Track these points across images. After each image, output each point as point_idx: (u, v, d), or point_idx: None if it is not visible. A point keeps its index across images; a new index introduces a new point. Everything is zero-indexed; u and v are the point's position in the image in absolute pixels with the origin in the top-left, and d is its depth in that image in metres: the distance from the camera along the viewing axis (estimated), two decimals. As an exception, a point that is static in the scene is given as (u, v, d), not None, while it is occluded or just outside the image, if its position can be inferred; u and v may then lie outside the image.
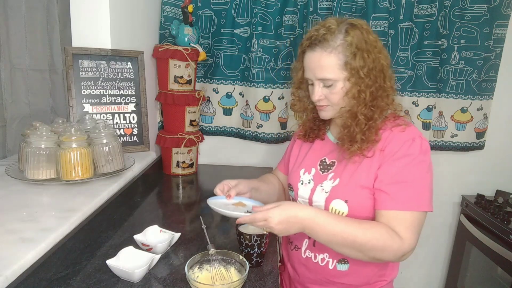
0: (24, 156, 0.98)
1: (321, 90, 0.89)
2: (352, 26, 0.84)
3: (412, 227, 0.80)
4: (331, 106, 0.90)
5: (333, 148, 0.97)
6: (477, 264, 1.70)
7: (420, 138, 0.85)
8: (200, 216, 1.08)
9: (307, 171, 0.98)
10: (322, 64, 0.85)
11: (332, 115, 0.93)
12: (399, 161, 0.83)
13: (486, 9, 1.61)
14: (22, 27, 1.40)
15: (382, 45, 0.88)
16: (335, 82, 0.86)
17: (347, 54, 0.83)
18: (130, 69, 1.33)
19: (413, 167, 0.82)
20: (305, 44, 0.89)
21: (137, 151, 1.35)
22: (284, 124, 1.75)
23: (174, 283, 0.79)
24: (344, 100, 0.87)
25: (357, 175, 0.87)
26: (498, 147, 1.81)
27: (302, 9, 1.62)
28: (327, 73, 0.85)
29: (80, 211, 0.87)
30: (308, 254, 0.95)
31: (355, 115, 0.86)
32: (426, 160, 0.84)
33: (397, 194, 0.81)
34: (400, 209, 0.81)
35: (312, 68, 0.87)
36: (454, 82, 1.69)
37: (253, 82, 1.67)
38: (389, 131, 0.87)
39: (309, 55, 0.88)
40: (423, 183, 0.83)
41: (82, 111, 1.23)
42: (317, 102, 0.91)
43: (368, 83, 0.84)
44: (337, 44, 0.83)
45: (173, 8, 1.65)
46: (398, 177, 0.82)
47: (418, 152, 0.83)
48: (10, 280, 0.62)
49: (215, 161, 1.84)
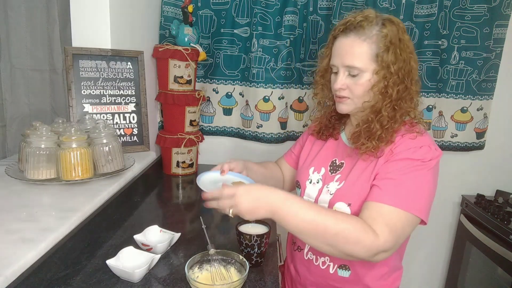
0: (24, 156, 0.98)
1: (345, 79, 0.85)
2: (389, 21, 0.83)
3: (392, 225, 0.74)
4: (352, 100, 0.86)
5: (344, 149, 0.94)
6: (477, 264, 1.70)
7: (428, 146, 0.81)
8: (200, 216, 1.08)
9: (316, 170, 0.96)
10: (353, 51, 0.82)
11: (350, 110, 0.88)
12: (400, 162, 0.80)
13: (486, 9, 1.61)
14: (22, 27, 1.40)
15: (413, 48, 0.86)
16: (361, 73, 0.82)
17: (380, 46, 0.80)
18: (130, 69, 1.33)
19: (413, 171, 0.79)
20: (339, 29, 0.86)
21: (137, 151, 1.35)
22: (284, 124, 1.75)
23: (174, 283, 0.79)
24: (368, 94, 0.84)
25: (362, 179, 0.84)
26: (498, 147, 1.81)
27: (302, 9, 1.62)
28: (356, 61, 0.82)
29: (80, 211, 0.87)
30: (310, 256, 0.94)
31: (379, 111, 0.83)
32: (430, 169, 0.80)
33: (387, 187, 0.78)
34: (385, 202, 0.76)
35: (341, 54, 0.84)
36: (454, 82, 1.69)
37: (253, 82, 1.67)
38: (399, 137, 0.84)
39: (341, 40, 0.85)
40: (420, 189, 0.78)
41: (82, 111, 1.23)
42: (338, 92, 0.87)
43: (396, 81, 0.81)
44: (372, 33, 0.81)
45: (173, 8, 1.65)
46: (393, 174, 0.79)
47: (422, 158, 0.79)
48: (10, 280, 0.62)
49: (215, 161, 1.83)
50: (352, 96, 0.85)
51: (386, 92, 0.82)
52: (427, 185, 0.79)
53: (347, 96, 0.86)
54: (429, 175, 0.79)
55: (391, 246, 0.74)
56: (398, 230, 0.75)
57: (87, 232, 0.89)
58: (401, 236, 0.76)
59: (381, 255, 0.74)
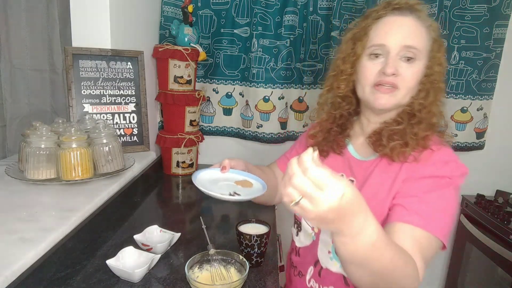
0: (24, 156, 0.98)
1: (398, 63, 0.73)
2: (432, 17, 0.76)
3: (425, 254, 0.65)
4: (399, 91, 0.74)
5: (354, 164, 0.82)
6: (477, 264, 1.70)
7: (455, 162, 0.73)
8: (200, 216, 1.08)
9: None
10: (417, 32, 0.72)
11: (393, 105, 0.76)
12: (425, 180, 0.71)
13: (486, 9, 1.61)
14: (22, 27, 1.40)
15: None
16: (418, 59, 0.73)
17: (434, 38, 0.74)
18: (130, 69, 1.33)
19: (440, 188, 0.70)
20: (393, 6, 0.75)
21: (137, 151, 1.35)
22: (284, 124, 1.75)
23: (174, 283, 0.79)
24: (414, 90, 0.75)
25: (379, 198, 0.73)
26: (498, 147, 1.81)
27: (302, 9, 1.62)
28: (419, 42, 0.72)
29: (80, 211, 0.87)
30: (313, 283, 0.86)
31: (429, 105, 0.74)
32: (456, 188, 0.72)
33: (412, 206, 0.68)
34: (415, 224, 0.66)
35: (400, 32, 0.73)
36: (454, 82, 1.69)
37: (253, 82, 1.67)
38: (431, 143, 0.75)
39: (396, 19, 0.74)
40: (446, 209, 0.69)
41: (82, 111, 1.23)
42: (389, 78, 0.73)
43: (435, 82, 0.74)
44: (427, 24, 0.74)
45: (173, 8, 1.65)
46: (417, 191, 0.70)
47: (450, 175, 0.71)
48: (10, 280, 0.62)
49: (215, 161, 1.83)
50: (402, 86, 0.73)
51: (439, 88, 0.75)
52: (452, 206, 0.70)
53: (397, 85, 0.73)
54: (455, 195, 0.71)
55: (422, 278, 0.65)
56: (428, 257, 0.67)
57: (87, 232, 0.89)
58: (428, 262, 0.68)
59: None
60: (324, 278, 0.83)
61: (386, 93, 0.75)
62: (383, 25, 0.75)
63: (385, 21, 0.75)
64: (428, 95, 0.75)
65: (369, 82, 0.77)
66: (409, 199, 0.69)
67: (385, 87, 0.74)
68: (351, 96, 0.85)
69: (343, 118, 0.88)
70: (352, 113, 0.90)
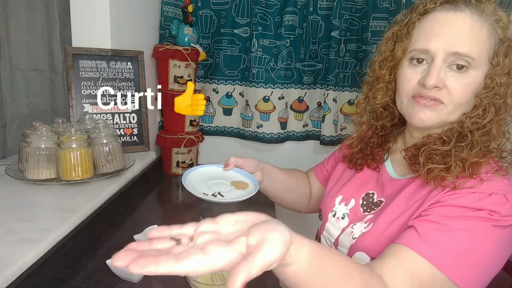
0: (24, 156, 0.98)
1: (443, 73, 0.59)
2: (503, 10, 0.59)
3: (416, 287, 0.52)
4: (446, 106, 0.60)
5: (388, 183, 0.70)
6: (477, 264, 1.69)
7: (504, 196, 0.55)
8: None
9: (344, 201, 0.74)
10: (471, 33, 0.56)
11: (435, 122, 0.62)
12: (455, 208, 0.56)
13: (486, 9, 1.61)
14: (22, 27, 1.40)
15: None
16: (471, 69, 0.57)
17: (500, 38, 0.57)
18: (130, 69, 1.33)
19: (470, 220, 0.54)
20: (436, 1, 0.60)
21: (137, 151, 1.35)
22: (284, 124, 1.75)
23: (174, 283, 0.79)
24: (469, 105, 0.60)
25: (397, 224, 0.62)
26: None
27: (302, 9, 1.62)
28: (473, 48, 0.56)
29: (80, 211, 0.87)
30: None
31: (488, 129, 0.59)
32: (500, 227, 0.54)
33: (427, 232, 0.54)
34: (421, 253, 0.53)
35: (447, 34, 0.58)
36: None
37: (253, 82, 1.67)
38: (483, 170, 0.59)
39: (445, 15, 0.59)
40: (474, 246, 0.53)
41: (82, 111, 1.23)
42: (430, 91, 0.60)
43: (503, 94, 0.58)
44: (494, 19, 0.57)
45: (173, 8, 1.65)
46: (439, 218, 0.55)
47: (491, 209, 0.54)
48: (10, 280, 0.62)
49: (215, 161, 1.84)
50: (448, 101, 0.59)
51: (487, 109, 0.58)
52: (488, 247, 0.53)
53: (441, 100, 0.60)
54: (497, 235, 0.54)
55: None
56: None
57: (87, 232, 0.89)
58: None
59: None
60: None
61: (428, 108, 0.61)
62: (428, 24, 0.61)
63: (432, 17, 0.61)
64: (487, 112, 0.59)
65: (407, 93, 0.64)
66: (426, 223, 0.56)
67: (425, 100, 0.61)
68: (392, 106, 0.73)
69: (385, 129, 0.76)
70: (398, 124, 0.78)
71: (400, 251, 0.54)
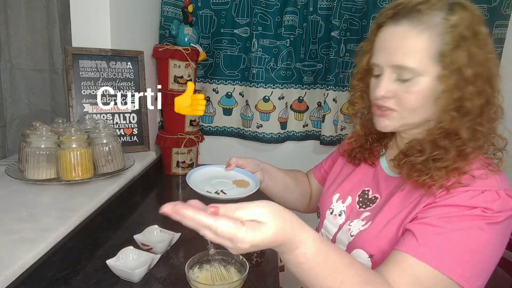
0: (24, 156, 0.98)
1: (391, 85, 0.63)
2: (460, 6, 0.59)
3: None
4: (399, 113, 0.64)
5: (383, 179, 0.73)
6: (477, 264, 1.69)
7: (496, 192, 0.57)
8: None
9: (341, 199, 0.77)
10: (405, 46, 0.60)
11: (395, 127, 0.66)
12: (450, 208, 0.58)
13: (486, 9, 1.61)
14: (22, 27, 1.40)
15: (493, 47, 0.63)
16: (416, 77, 0.60)
17: (446, 40, 0.58)
18: (130, 69, 1.33)
19: (466, 220, 0.56)
20: (387, 14, 0.63)
21: (137, 151, 1.35)
22: (284, 124, 1.75)
23: (174, 283, 0.79)
24: (427, 109, 0.62)
25: (394, 223, 0.63)
26: (498, 147, 1.81)
27: (302, 9, 1.62)
28: (410, 59, 0.59)
29: (80, 211, 0.87)
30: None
31: (455, 133, 0.60)
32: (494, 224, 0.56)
33: (425, 237, 0.56)
34: (420, 258, 0.55)
35: (387, 49, 0.62)
36: (454, 82, 1.69)
37: (253, 82, 1.67)
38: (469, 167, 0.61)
39: (388, 30, 0.62)
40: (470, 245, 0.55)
41: (82, 111, 1.23)
42: (380, 101, 0.65)
43: (473, 91, 0.59)
44: (435, 22, 0.58)
45: (173, 8, 1.65)
46: (436, 221, 0.57)
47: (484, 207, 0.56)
48: (10, 280, 0.62)
49: (215, 161, 1.84)
50: (400, 109, 0.63)
51: (462, 107, 0.59)
52: (483, 245, 0.56)
53: (393, 108, 0.64)
54: (491, 233, 0.56)
55: None
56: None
57: (87, 232, 0.89)
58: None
59: None
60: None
61: (383, 116, 0.66)
62: (378, 40, 0.65)
63: (381, 33, 0.64)
64: (462, 110, 0.59)
65: (372, 102, 0.68)
66: (423, 227, 0.58)
67: (380, 110, 0.66)
68: None
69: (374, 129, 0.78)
70: None
71: (401, 258, 0.57)
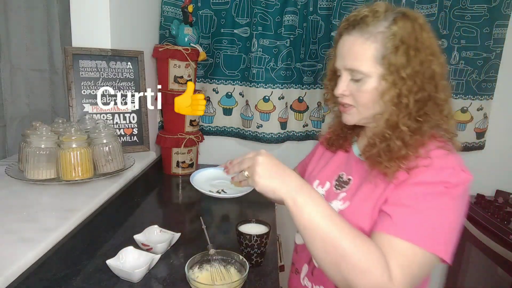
0: (24, 156, 0.98)
1: (348, 84, 0.75)
2: (403, 16, 0.70)
3: (407, 266, 0.61)
4: (357, 109, 0.76)
5: (354, 163, 0.83)
6: (477, 264, 1.70)
7: (453, 168, 0.67)
8: (200, 216, 1.08)
9: (321, 185, 0.87)
10: (355, 52, 0.72)
11: (356, 121, 0.78)
12: (416, 187, 0.66)
13: (486, 9, 1.61)
14: (22, 27, 1.40)
15: (439, 50, 0.72)
16: (365, 78, 0.71)
17: (387, 46, 0.68)
18: (130, 69, 1.33)
19: (434, 198, 0.65)
20: (343, 26, 0.76)
21: (137, 151, 1.35)
22: (284, 124, 1.75)
23: (174, 283, 0.79)
24: (379, 104, 0.72)
25: (369, 202, 0.73)
26: (498, 147, 1.81)
27: (302, 9, 1.62)
28: (359, 63, 0.71)
29: (80, 211, 0.87)
30: (306, 282, 0.86)
31: (395, 125, 0.70)
32: (455, 198, 0.66)
33: (400, 217, 0.65)
34: (399, 235, 0.63)
35: (343, 55, 0.75)
36: (454, 82, 1.69)
37: (253, 82, 1.67)
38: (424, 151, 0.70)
39: (343, 39, 0.75)
40: (441, 221, 0.64)
41: (82, 111, 1.23)
42: (340, 98, 0.78)
43: (412, 88, 0.68)
44: (378, 31, 0.69)
45: (173, 8, 1.65)
46: (407, 201, 0.66)
47: (445, 181, 0.65)
48: (10, 280, 0.62)
49: (215, 161, 1.84)
50: (357, 105, 0.75)
51: (400, 102, 0.69)
52: (450, 217, 0.65)
53: (351, 104, 0.76)
54: (454, 205, 0.65)
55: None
56: (414, 271, 0.62)
57: (87, 232, 0.89)
58: (417, 277, 0.63)
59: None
60: (316, 277, 0.83)
61: (344, 112, 0.79)
62: (338, 47, 0.77)
63: (340, 41, 0.77)
64: (400, 105, 0.69)
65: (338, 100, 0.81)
66: (398, 208, 0.66)
67: (343, 106, 0.79)
68: None
69: None
70: None
71: (381, 239, 0.65)
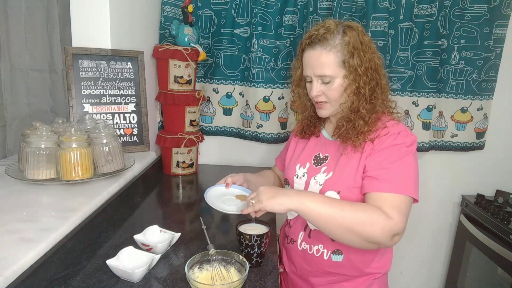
0: (24, 156, 0.98)
1: (320, 87, 0.93)
2: (349, 27, 0.90)
3: (398, 208, 0.83)
4: (330, 103, 0.95)
5: (327, 143, 1.03)
6: (477, 264, 1.70)
7: (405, 131, 0.92)
8: (200, 216, 1.08)
9: (302, 166, 1.04)
10: (322, 62, 0.90)
11: (330, 113, 0.98)
12: (386, 150, 0.89)
13: (486, 9, 1.61)
14: (22, 27, 1.40)
15: (375, 47, 0.94)
16: (333, 79, 0.91)
17: (345, 53, 0.89)
18: (130, 69, 1.33)
19: (400, 157, 0.88)
20: (305, 42, 0.93)
21: (137, 151, 1.35)
22: (284, 124, 1.75)
23: (174, 283, 0.79)
24: (343, 97, 0.93)
25: (349, 168, 0.93)
26: (498, 147, 1.81)
27: (302, 9, 1.62)
28: (326, 70, 0.90)
29: (80, 211, 0.87)
30: (304, 246, 0.99)
31: (357, 109, 0.91)
32: (411, 150, 0.90)
33: (382, 176, 0.86)
34: (385, 190, 0.85)
35: (311, 65, 0.92)
36: (454, 82, 1.69)
37: (253, 82, 1.67)
38: (381, 124, 0.93)
39: (309, 53, 0.92)
40: (408, 169, 0.88)
41: (82, 111, 1.23)
42: (315, 98, 0.95)
43: (366, 80, 0.90)
44: (336, 43, 0.89)
45: (173, 8, 1.65)
46: (384, 164, 0.88)
47: (403, 142, 0.89)
48: (10, 280, 0.62)
49: (215, 161, 1.84)
50: (329, 100, 0.94)
51: (359, 92, 0.90)
52: (413, 169, 0.89)
53: (325, 101, 0.95)
54: (413, 159, 0.90)
55: (403, 226, 0.82)
56: (404, 211, 0.84)
57: (87, 232, 0.89)
58: (406, 214, 0.84)
59: (396, 238, 0.82)
60: (313, 238, 0.97)
61: (321, 108, 0.97)
62: (305, 59, 0.94)
63: (305, 55, 0.94)
64: (360, 94, 0.91)
65: (312, 100, 0.99)
66: (380, 171, 0.87)
67: (319, 104, 0.97)
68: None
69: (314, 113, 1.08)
70: None
71: (374, 197, 0.86)
